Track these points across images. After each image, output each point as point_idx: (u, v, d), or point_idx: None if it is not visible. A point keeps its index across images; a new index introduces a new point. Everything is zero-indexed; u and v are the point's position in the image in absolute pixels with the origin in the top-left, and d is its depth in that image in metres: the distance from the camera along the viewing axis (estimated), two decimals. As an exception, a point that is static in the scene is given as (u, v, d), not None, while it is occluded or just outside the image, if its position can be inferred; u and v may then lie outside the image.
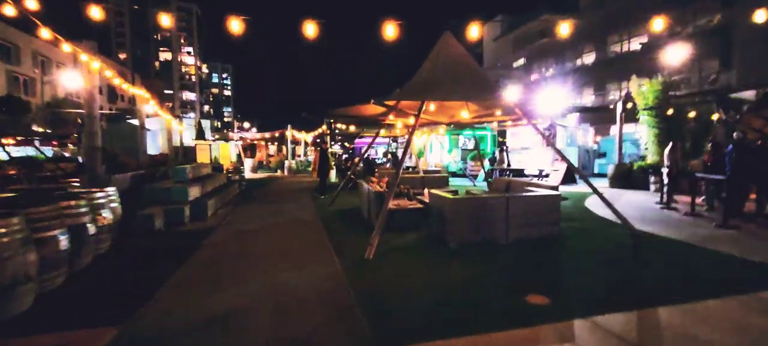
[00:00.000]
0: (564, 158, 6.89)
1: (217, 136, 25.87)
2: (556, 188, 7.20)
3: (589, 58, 35.10)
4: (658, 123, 13.65)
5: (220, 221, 8.30)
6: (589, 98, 34.06)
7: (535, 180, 12.76)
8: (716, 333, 3.14)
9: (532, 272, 4.80)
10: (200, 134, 20.07)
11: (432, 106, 7.36)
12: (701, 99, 12.32)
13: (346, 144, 30.58)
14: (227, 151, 21.06)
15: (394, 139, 26.35)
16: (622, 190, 12.89)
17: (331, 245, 6.16)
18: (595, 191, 6.40)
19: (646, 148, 14.28)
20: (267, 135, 26.69)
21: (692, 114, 12.82)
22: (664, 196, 9.41)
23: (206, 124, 23.58)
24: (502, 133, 17.88)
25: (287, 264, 5.19)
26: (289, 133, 22.26)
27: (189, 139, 19.53)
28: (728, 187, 7.74)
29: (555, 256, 5.50)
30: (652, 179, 12.49)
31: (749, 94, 8.88)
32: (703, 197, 9.30)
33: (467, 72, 6.74)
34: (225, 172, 13.76)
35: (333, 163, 18.24)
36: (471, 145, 19.18)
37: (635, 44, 30.75)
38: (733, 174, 7.62)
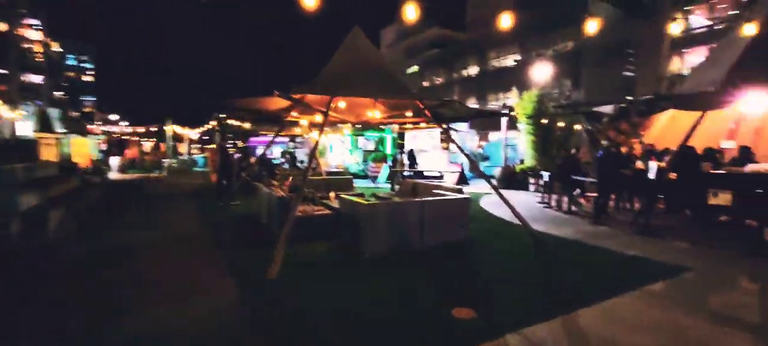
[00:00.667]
0: (472, 161, 6.97)
1: (67, 130, 21.18)
2: (460, 190, 7.25)
3: (473, 70, 38.29)
4: (535, 131, 15.26)
5: (67, 238, 6.45)
6: (473, 106, 37.22)
7: (435, 182, 13.08)
8: (635, 334, 3.19)
9: (453, 281, 4.55)
10: (45, 125, 16.12)
11: (341, 104, 6.78)
12: (570, 111, 14.14)
13: (238, 143, 28.06)
14: (85, 148, 17.33)
15: (293, 138, 25.01)
16: (508, 190, 14.03)
17: (225, 264, 5.12)
18: (500, 195, 6.57)
19: (524, 153, 15.91)
20: (141, 129, 22.85)
21: (561, 124, 14.63)
22: (548, 197, 10.38)
23: (55, 113, 19.12)
24: (401, 136, 18.19)
25: (163, 298, 4.04)
26: (170, 128, 19.35)
27: (29, 131, 15.51)
28: (598, 187, 8.80)
29: (470, 261, 5.39)
30: (531, 180, 13.86)
31: (609, 109, 10.37)
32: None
33: (379, 70, 6.35)
34: (79, 173, 11.10)
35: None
36: (371, 145, 19.10)
37: (510, 61, 34.54)
38: (602, 176, 8.68)
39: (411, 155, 15.63)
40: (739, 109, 9.52)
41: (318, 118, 7.32)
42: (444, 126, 7.34)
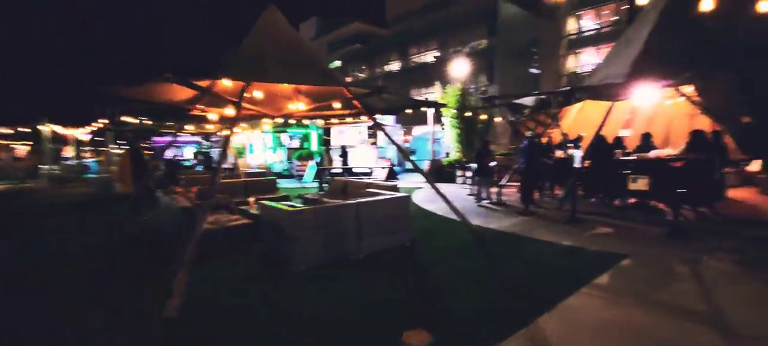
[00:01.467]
0: (406, 155, 6.45)
1: None
2: (395, 188, 6.71)
3: (395, 66, 38.49)
4: (459, 124, 15.46)
5: None
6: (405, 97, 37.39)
7: (365, 179, 12.46)
8: (605, 342, 2.86)
9: (399, 294, 3.94)
10: None
11: (258, 94, 5.75)
12: (495, 103, 14.50)
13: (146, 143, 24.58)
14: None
15: (207, 136, 22.57)
16: (437, 184, 13.93)
17: (113, 300, 3.91)
18: (437, 190, 6.14)
19: (449, 146, 16.09)
20: (8, 131, 18.68)
21: (484, 117, 14.98)
22: (479, 189, 10.34)
23: None
24: (327, 132, 17.29)
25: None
26: (46, 128, 16.02)
27: None
28: (524, 177, 8.92)
29: (415, 269, 4.84)
30: (458, 173, 13.97)
31: (530, 100, 10.66)
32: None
33: (301, 54, 5.48)
34: None
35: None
36: (296, 143, 17.89)
37: (430, 57, 35.32)
38: (526, 165, 8.80)
39: (343, 152, 14.83)
40: (634, 101, 10.28)
41: (230, 110, 6.22)
42: (373, 118, 6.71)
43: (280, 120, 9.69)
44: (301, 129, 17.81)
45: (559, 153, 9.93)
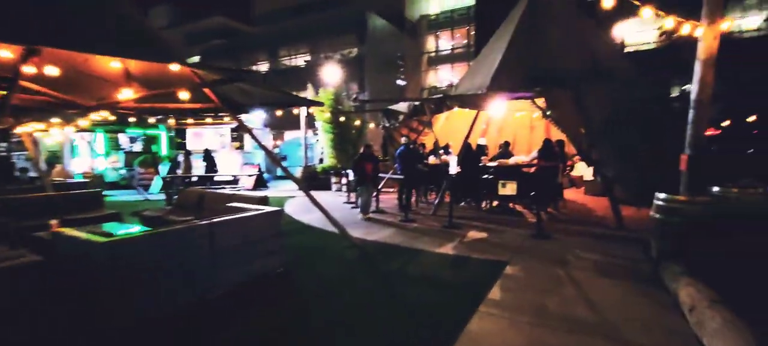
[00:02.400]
0: (277, 161, 5.35)
1: None
2: (264, 199, 5.56)
3: (264, 66, 35.98)
4: (333, 129, 14.78)
5: None
6: (277, 90, 34.90)
7: (228, 189, 10.65)
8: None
9: (270, 346, 2.92)
10: None
11: (53, 70, 3.84)
12: (369, 108, 14.27)
13: None
14: None
15: (3, 134, 16.77)
16: (312, 192, 12.95)
17: None
18: (314, 201, 5.25)
19: (322, 152, 15.28)
20: None
21: (358, 123, 14.64)
22: (362, 199, 9.76)
23: None
24: (181, 134, 14.55)
25: None
26: None
27: None
28: (401, 183, 8.70)
29: (291, 304, 3.84)
30: (333, 180, 13.25)
31: (403, 106, 10.64)
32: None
33: (126, 20, 3.91)
34: None
35: None
36: (138, 146, 14.59)
37: (301, 61, 34.06)
38: (403, 172, 8.60)
39: (207, 157, 12.47)
40: (490, 112, 11.17)
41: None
42: (237, 118, 5.46)
43: (112, 116, 7.41)
44: (143, 129, 14.64)
45: (432, 159, 10.10)
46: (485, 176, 8.55)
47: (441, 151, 10.11)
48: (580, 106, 7.45)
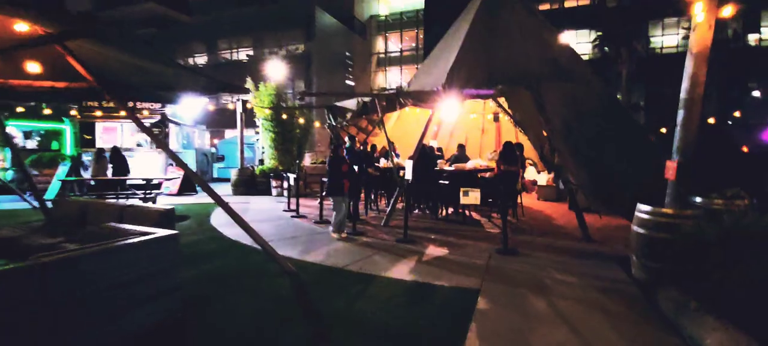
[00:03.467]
0: (181, 164, 3.96)
1: None
2: (169, 215, 4.12)
3: (201, 59, 32.99)
4: (274, 127, 13.25)
5: None
6: (202, 102, 31.98)
7: (138, 196, 8.75)
8: None
9: None
10: None
11: None
12: (314, 105, 12.96)
13: None
14: None
15: None
16: (247, 197, 11.35)
17: None
18: (233, 214, 3.94)
19: (263, 152, 13.65)
20: None
21: (302, 120, 13.22)
22: (295, 203, 8.44)
23: None
24: (89, 128, 12.12)
25: None
26: None
27: None
28: (350, 190, 7.56)
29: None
30: (273, 183, 11.75)
31: (352, 103, 9.50)
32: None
33: None
34: None
35: None
36: (33, 143, 11.96)
37: (243, 55, 31.62)
38: (351, 176, 7.47)
39: (116, 156, 10.21)
40: (443, 112, 10.43)
41: None
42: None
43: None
44: (42, 123, 12.08)
45: (383, 162, 9.07)
46: (441, 182, 7.68)
47: (394, 154, 9.11)
48: (540, 107, 6.82)
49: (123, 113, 10.78)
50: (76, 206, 4.84)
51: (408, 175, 6.58)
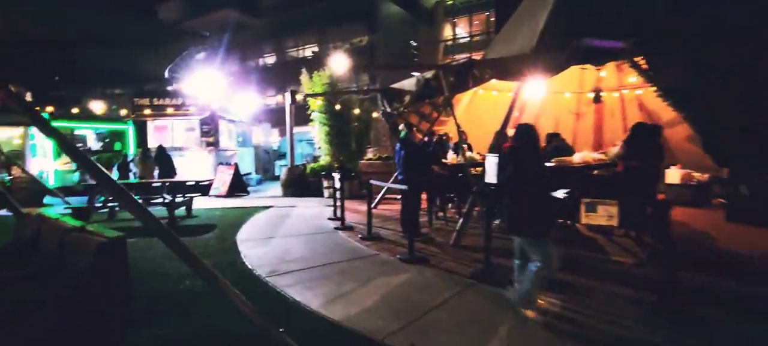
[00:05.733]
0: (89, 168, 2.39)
1: None
2: (113, 246, 2.60)
3: (270, 59, 33.59)
4: (328, 120, 11.80)
5: None
6: (272, 99, 32.52)
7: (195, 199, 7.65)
8: None
9: None
10: None
11: None
12: (368, 92, 11.35)
13: None
14: None
15: None
16: (295, 199, 10.01)
17: None
18: (160, 233, 2.23)
19: (319, 148, 12.30)
20: None
21: (357, 111, 11.58)
22: (337, 208, 6.75)
23: None
24: (142, 126, 11.78)
25: None
26: None
27: None
28: (406, 196, 5.63)
29: None
30: (325, 183, 10.27)
31: (411, 84, 7.56)
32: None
33: None
34: None
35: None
36: (98, 145, 11.97)
37: (308, 52, 31.39)
38: (410, 177, 5.53)
39: (161, 156, 9.53)
40: (522, 96, 7.98)
41: None
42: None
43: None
44: (106, 124, 12.02)
45: (451, 157, 6.97)
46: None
47: (464, 146, 6.97)
48: (703, 75, 4.16)
49: (170, 111, 10.11)
50: (34, 223, 3.59)
51: (490, 176, 4.44)
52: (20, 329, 2.31)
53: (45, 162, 11.10)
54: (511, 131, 8.46)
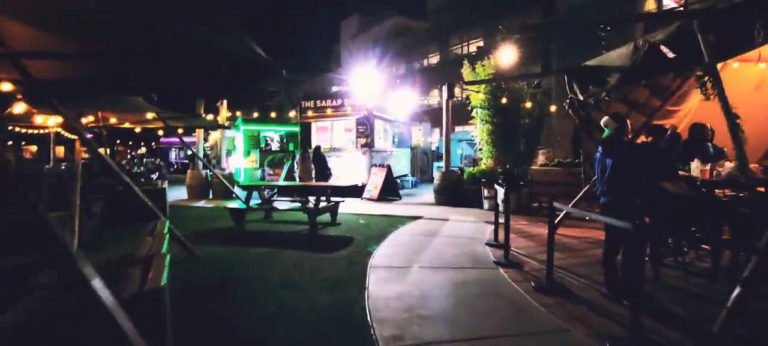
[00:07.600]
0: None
1: None
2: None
3: (434, 59, 33.42)
4: (492, 116, 9.90)
5: None
6: (434, 99, 32.25)
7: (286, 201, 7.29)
8: None
9: None
10: None
11: None
12: (536, 86, 9.05)
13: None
14: None
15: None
16: (449, 209, 8.56)
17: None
18: None
19: (480, 149, 10.52)
20: None
21: (529, 105, 9.28)
22: (499, 228, 4.93)
23: None
24: (306, 128, 12.41)
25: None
26: None
27: None
28: (621, 236, 3.41)
29: None
30: (485, 192, 8.46)
31: (619, 56, 5.07)
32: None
33: None
34: None
35: None
36: (275, 145, 13.33)
37: (473, 47, 29.68)
38: (626, 204, 3.30)
39: (317, 157, 9.76)
40: None
41: None
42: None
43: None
44: (284, 126, 13.27)
45: (696, 167, 4.21)
46: None
47: (711, 145, 4.13)
48: None
49: (329, 112, 10.19)
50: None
51: None
52: None
53: (236, 160, 13.05)
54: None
